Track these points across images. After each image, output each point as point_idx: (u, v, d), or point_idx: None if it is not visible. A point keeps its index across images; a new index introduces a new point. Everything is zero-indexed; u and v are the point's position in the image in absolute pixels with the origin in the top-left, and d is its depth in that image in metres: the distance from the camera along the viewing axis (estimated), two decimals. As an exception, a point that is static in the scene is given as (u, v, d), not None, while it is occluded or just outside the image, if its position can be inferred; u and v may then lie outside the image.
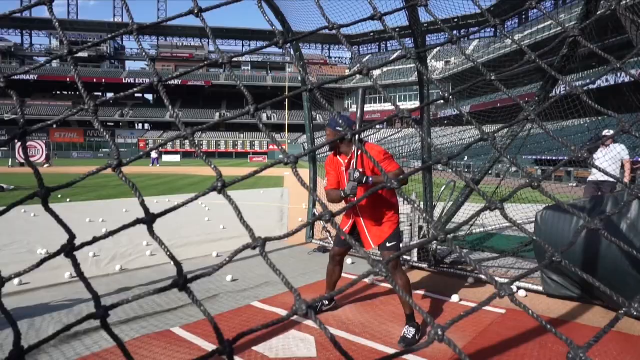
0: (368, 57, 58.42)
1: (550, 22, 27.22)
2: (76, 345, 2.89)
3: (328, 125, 3.35)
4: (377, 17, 0.79)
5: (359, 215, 3.36)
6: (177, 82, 56.68)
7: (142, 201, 0.65)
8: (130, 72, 64.32)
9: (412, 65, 35.35)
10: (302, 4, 5.25)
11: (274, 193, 13.74)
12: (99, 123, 0.68)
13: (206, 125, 0.74)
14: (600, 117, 6.43)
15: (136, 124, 63.10)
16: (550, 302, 3.83)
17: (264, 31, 65.73)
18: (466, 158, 22.02)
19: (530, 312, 0.55)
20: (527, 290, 4.07)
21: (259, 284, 4.30)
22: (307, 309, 0.56)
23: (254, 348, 2.88)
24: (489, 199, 0.64)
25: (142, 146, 54.35)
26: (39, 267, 0.65)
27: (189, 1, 0.78)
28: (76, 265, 0.62)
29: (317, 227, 6.47)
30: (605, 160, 6.15)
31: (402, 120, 0.71)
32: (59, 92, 62.85)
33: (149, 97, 68.47)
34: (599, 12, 3.78)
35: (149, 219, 0.62)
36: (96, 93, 61.32)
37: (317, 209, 6.33)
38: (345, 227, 3.44)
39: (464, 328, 3.22)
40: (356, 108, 3.26)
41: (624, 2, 3.54)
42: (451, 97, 0.77)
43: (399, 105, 0.71)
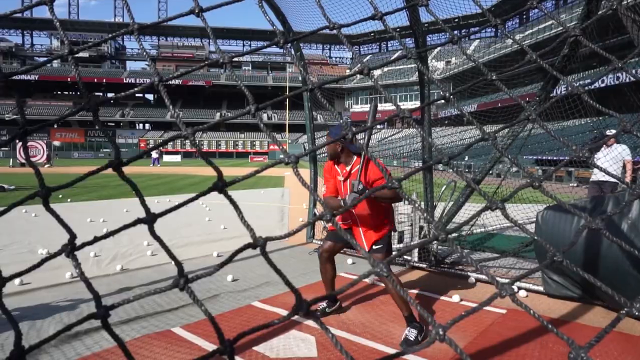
0: (369, 57, 58.42)
1: (551, 22, 27.20)
2: (77, 345, 2.90)
3: (330, 134, 3.35)
4: (377, 17, 0.79)
5: (355, 222, 3.39)
6: (177, 82, 56.73)
7: (143, 201, 0.65)
8: (131, 72, 64.39)
9: (413, 65, 35.34)
10: (302, 3, 5.25)
11: (274, 193, 13.74)
12: (100, 123, 0.68)
13: (207, 125, 0.74)
14: (601, 117, 6.43)
15: (137, 124, 63.15)
16: (551, 302, 3.83)
17: (264, 31, 65.79)
18: (467, 158, 22.02)
19: (532, 312, 0.55)
20: (527, 290, 4.07)
21: (260, 284, 4.30)
22: (307, 309, 0.55)
23: (255, 348, 2.88)
24: (489, 198, 0.64)
25: (143, 146, 54.34)
26: (40, 267, 0.65)
27: (190, 1, 0.78)
28: (77, 265, 0.62)
29: (318, 227, 6.47)
30: (607, 160, 6.15)
31: (403, 120, 0.71)
32: (59, 92, 62.94)
33: (150, 97, 68.52)
34: (600, 12, 3.78)
35: (150, 219, 0.62)
36: (97, 93, 61.37)
37: (318, 209, 6.33)
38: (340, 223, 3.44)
39: (464, 328, 3.22)
40: (367, 117, 3.28)
41: (625, 2, 3.54)
42: (452, 97, 0.77)
43: (399, 105, 0.71)
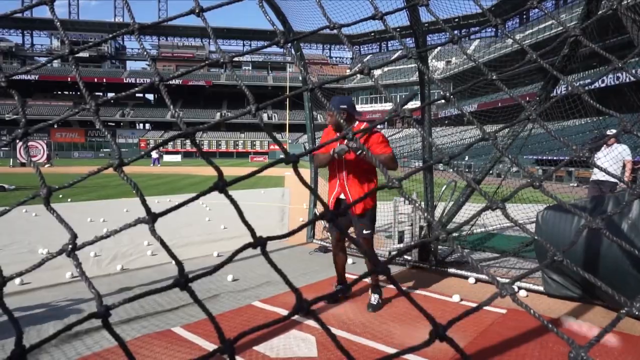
0: (369, 56, 58.43)
1: (551, 21, 27.20)
2: (77, 344, 2.90)
3: (329, 108, 3.44)
4: (378, 17, 0.79)
5: (343, 180, 3.61)
6: (178, 82, 56.76)
7: (144, 200, 0.65)
8: (131, 72, 64.42)
9: (413, 65, 35.34)
10: (303, 3, 5.25)
11: (274, 193, 13.75)
12: (100, 123, 0.68)
13: (207, 125, 0.74)
14: (601, 117, 6.43)
15: (137, 124, 63.18)
16: (551, 302, 3.83)
17: (264, 31, 65.82)
18: (467, 158, 22.03)
19: (532, 311, 0.55)
20: (528, 290, 4.07)
21: (260, 284, 4.30)
22: (308, 309, 0.56)
23: (255, 348, 2.88)
24: (490, 198, 0.64)
25: (143, 146, 54.42)
26: (40, 266, 0.65)
27: (190, 1, 0.78)
28: (77, 264, 0.62)
29: (318, 227, 6.47)
30: (607, 160, 6.15)
31: (403, 119, 0.71)
32: (59, 92, 62.96)
33: (150, 97, 68.56)
34: (600, 11, 3.78)
35: (150, 219, 0.62)
36: (97, 93, 61.40)
37: (318, 209, 6.34)
38: (331, 197, 3.69)
39: (464, 328, 3.22)
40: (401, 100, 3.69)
41: (625, 2, 3.54)
42: (452, 96, 0.77)
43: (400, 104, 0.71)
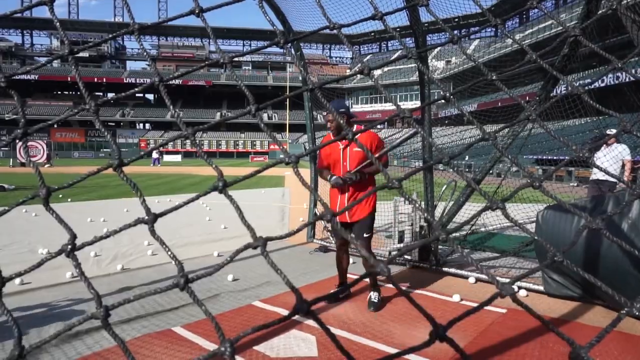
0: (369, 57, 58.41)
1: (551, 21, 27.20)
2: (77, 344, 2.90)
3: (329, 110, 3.45)
4: (378, 17, 0.79)
5: (345, 201, 3.67)
6: (178, 82, 56.76)
7: (143, 201, 0.65)
8: (131, 72, 64.42)
9: (413, 65, 35.33)
10: (302, 3, 5.25)
11: (274, 193, 13.75)
12: (100, 123, 0.68)
13: (207, 125, 0.74)
14: (601, 117, 6.43)
15: (137, 124, 63.17)
16: (551, 302, 3.83)
17: (264, 31, 65.78)
18: (467, 158, 22.04)
19: (532, 311, 0.55)
20: (528, 290, 4.07)
21: (260, 284, 4.30)
22: (308, 309, 0.56)
23: (255, 347, 2.88)
24: (490, 198, 0.64)
25: (143, 146, 54.41)
26: (40, 266, 0.65)
27: (190, 1, 0.78)
28: (77, 264, 0.62)
29: (318, 226, 6.48)
30: (607, 160, 6.15)
31: (403, 119, 0.71)
32: (59, 92, 62.95)
33: (150, 97, 68.54)
34: (600, 11, 3.78)
35: (150, 219, 0.62)
36: (97, 93, 61.39)
37: (318, 209, 6.33)
38: (335, 206, 3.75)
39: (465, 328, 3.22)
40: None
41: (625, 2, 3.54)
42: (452, 96, 0.77)
43: (400, 104, 0.71)
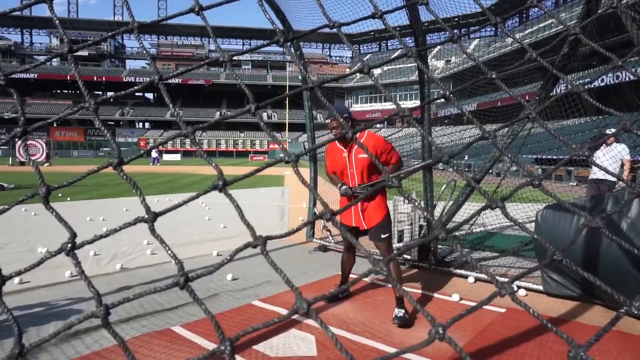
0: (369, 56, 58.39)
1: (551, 20, 27.19)
2: (77, 344, 2.90)
3: (331, 115, 3.44)
4: (378, 16, 0.79)
5: (359, 212, 3.51)
6: (177, 81, 56.71)
7: (143, 199, 0.65)
8: (131, 71, 64.34)
9: (413, 64, 35.32)
10: (302, 2, 5.24)
11: (274, 192, 13.75)
12: (100, 122, 0.68)
13: (207, 123, 0.74)
14: (601, 116, 6.43)
15: (137, 123, 63.10)
16: (550, 301, 3.83)
17: (264, 30, 65.76)
18: (466, 157, 22.03)
19: (531, 310, 0.55)
20: (527, 289, 4.07)
21: (260, 283, 4.30)
22: (307, 308, 0.56)
23: (255, 347, 2.88)
24: (489, 197, 0.64)
25: (143, 145, 54.34)
26: (39, 265, 0.65)
27: (190, 0, 0.78)
28: (77, 263, 0.62)
29: (318, 226, 6.47)
30: (606, 159, 6.16)
31: (403, 119, 0.71)
32: (59, 91, 62.88)
33: (150, 96, 68.49)
34: (600, 10, 3.77)
35: (150, 218, 0.62)
36: (96, 92, 61.35)
37: (318, 208, 6.33)
38: (349, 214, 3.61)
39: (464, 327, 3.22)
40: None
41: (625, 1, 3.53)
42: (452, 95, 0.77)
43: (399, 104, 0.71)
